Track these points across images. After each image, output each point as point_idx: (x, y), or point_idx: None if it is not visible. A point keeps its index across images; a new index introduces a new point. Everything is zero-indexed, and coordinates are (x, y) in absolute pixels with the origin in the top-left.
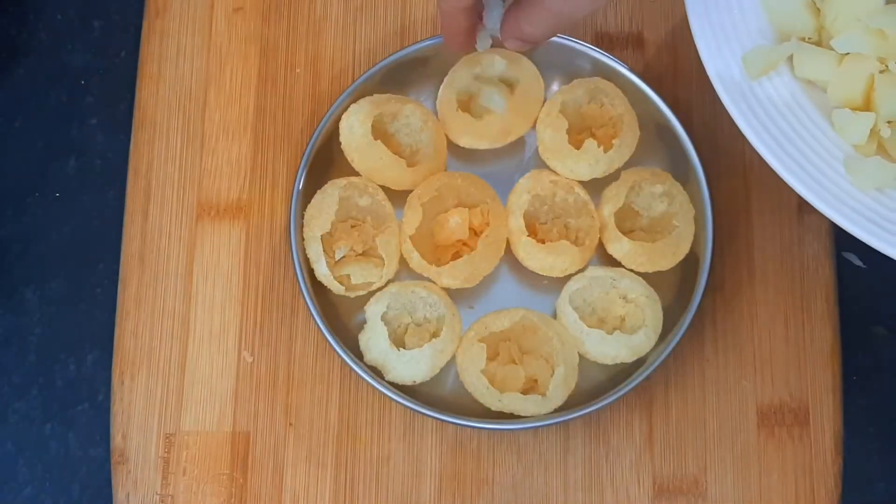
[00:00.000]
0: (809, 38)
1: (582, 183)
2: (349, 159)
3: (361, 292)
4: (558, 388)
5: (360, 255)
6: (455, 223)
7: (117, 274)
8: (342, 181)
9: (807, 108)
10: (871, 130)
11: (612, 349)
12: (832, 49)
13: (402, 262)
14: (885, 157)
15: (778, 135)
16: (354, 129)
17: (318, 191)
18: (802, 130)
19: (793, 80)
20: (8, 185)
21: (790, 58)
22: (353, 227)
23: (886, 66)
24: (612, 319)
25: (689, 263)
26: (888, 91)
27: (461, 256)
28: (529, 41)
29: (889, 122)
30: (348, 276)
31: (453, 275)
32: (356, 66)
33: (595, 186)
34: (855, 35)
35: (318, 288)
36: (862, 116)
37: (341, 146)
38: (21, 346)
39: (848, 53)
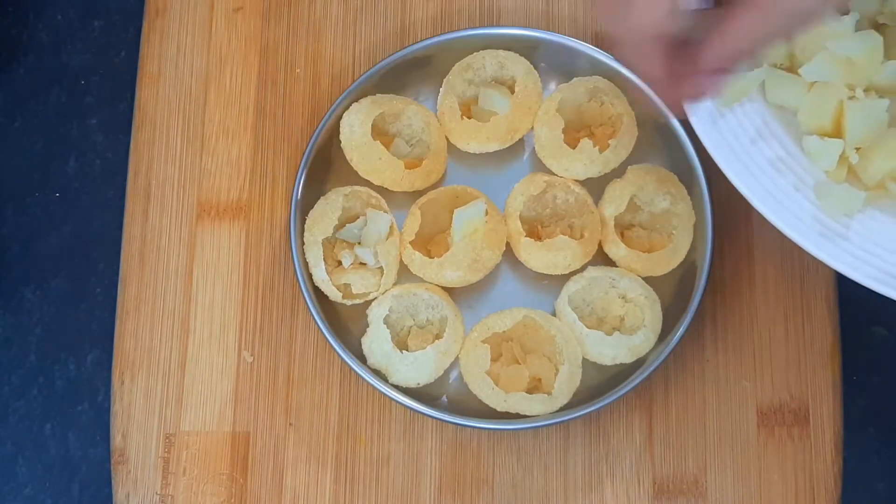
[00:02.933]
0: (781, 65)
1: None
2: (348, 158)
3: (358, 301)
4: (563, 386)
5: (361, 264)
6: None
7: (117, 274)
8: (346, 189)
9: (778, 134)
10: (841, 156)
11: (611, 350)
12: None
13: (401, 271)
14: (856, 183)
15: (749, 162)
16: (354, 128)
17: (322, 197)
18: (774, 157)
19: (764, 106)
20: (8, 185)
21: (762, 84)
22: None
23: (854, 93)
24: (612, 319)
25: (689, 263)
26: (856, 117)
27: None
28: (731, 60)
29: (857, 148)
30: (347, 284)
31: (456, 262)
32: (356, 66)
33: (600, 181)
34: (823, 62)
35: (318, 291)
36: (831, 143)
37: (341, 145)
38: (21, 346)
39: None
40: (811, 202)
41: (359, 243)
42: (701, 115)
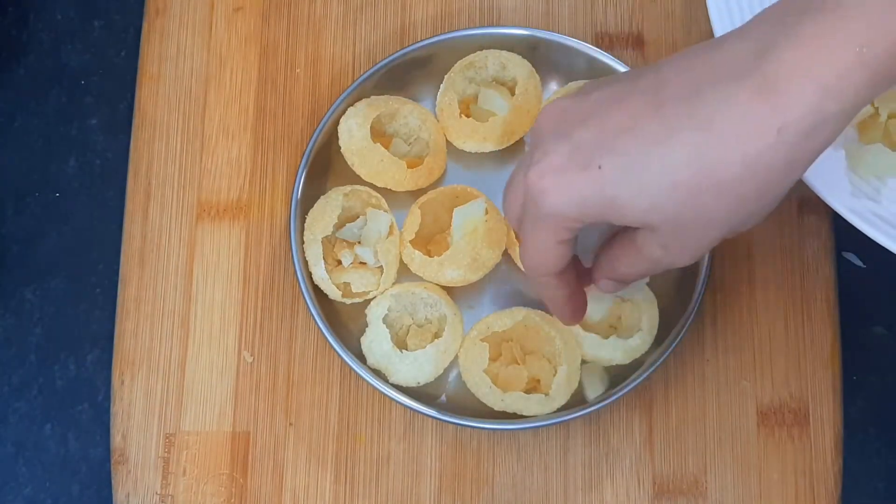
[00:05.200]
0: None
1: None
2: (349, 163)
3: (358, 300)
4: (561, 388)
5: (361, 263)
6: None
7: (117, 274)
8: (346, 188)
9: None
10: (873, 116)
11: (608, 352)
12: None
13: (400, 271)
14: (888, 146)
15: None
16: (353, 132)
17: (322, 196)
18: None
19: None
20: (8, 185)
21: None
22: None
23: None
24: (609, 319)
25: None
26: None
27: None
28: (624, 281)
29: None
30: (347, 283)
31: (456, 261)
32: (356, 66)
33: None
34: None
35: (318, 290)
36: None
37: (341, 150)
38: (21, 347)
39: None
40: (844, 161)
41: (359, 242)
42: None
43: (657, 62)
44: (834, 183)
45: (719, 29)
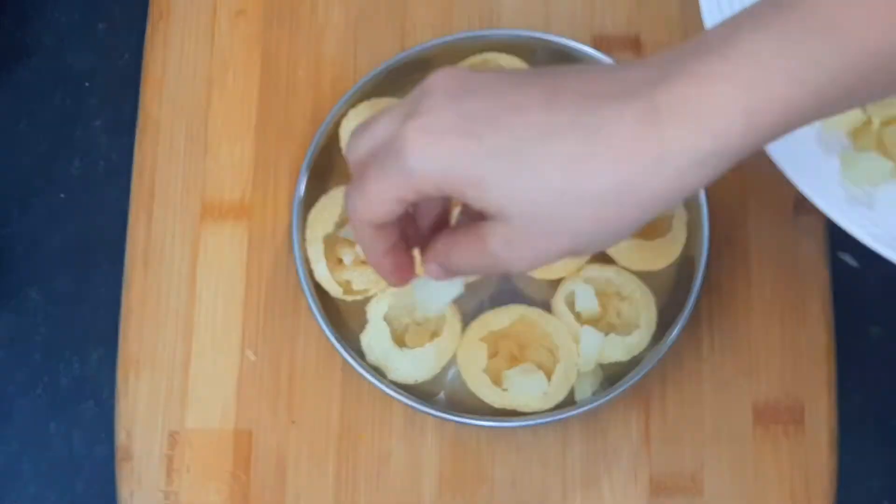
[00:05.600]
0: None
1: None
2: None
3: (359, 297)
4: (559, 383)
5: (363, 262)
6: None
7: (121, 273)
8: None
9: None
10: (866, 124)
11: (606, 349)
12: None
13: None
14: (883, 154)
15: None
16: None
17: (324, 195)
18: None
19: None
20: (13, 186)
21: None
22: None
23: None
24: (608, 317)
25: (686, 263)
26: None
27: None
28: (451, 272)
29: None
30: (348, 281)
31: None
32: (357, 68)
33: None
34: None
35: (319, 288)
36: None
37: (342, 152)
38: (26, 346)
39: None
40: (837, 168)
41: None
42: None
43: (561, 67)
44: (828, 190)
45: None
